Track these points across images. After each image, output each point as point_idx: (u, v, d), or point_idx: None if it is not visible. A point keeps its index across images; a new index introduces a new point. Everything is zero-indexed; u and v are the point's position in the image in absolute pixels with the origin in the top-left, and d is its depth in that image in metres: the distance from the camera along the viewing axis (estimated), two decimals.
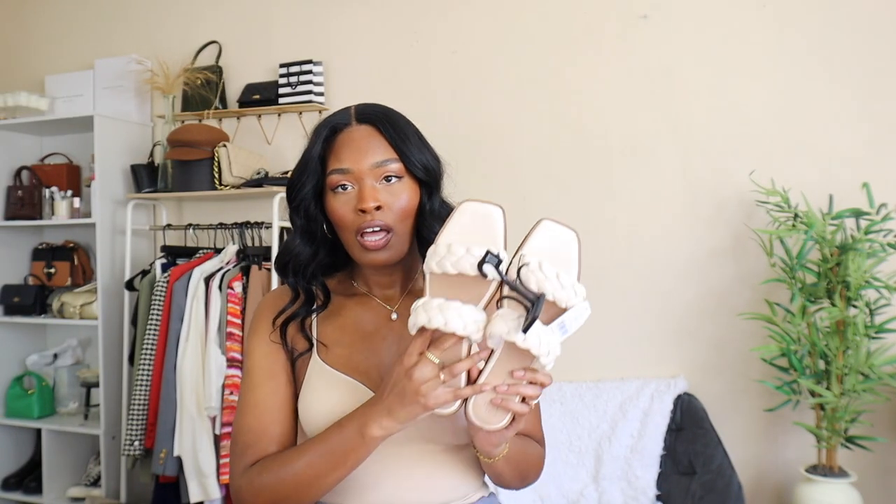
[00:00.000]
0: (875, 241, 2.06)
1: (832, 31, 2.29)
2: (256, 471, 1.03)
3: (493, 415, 0.94)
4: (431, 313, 0.90)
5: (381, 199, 1.03)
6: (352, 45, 2.86)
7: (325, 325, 1.11)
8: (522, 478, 1.14)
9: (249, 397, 1.08)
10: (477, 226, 0.94)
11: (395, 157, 1.06)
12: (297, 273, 1.10)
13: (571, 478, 2.32)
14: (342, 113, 1.10)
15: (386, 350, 1.09)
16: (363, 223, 1.03)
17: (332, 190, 1.06)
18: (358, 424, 0.97)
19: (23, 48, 3.45)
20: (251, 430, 1.06)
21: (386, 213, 1.04)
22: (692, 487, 2.19)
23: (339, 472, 0.99)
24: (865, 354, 2.05)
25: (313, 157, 1.07)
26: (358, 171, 1.04)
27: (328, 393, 1.05)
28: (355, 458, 0.98)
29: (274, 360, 1.09)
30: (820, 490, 2.07)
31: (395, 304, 1.13)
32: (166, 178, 2.90)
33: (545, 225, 0.96)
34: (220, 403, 2.47)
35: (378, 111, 1.10)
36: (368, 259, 1.06)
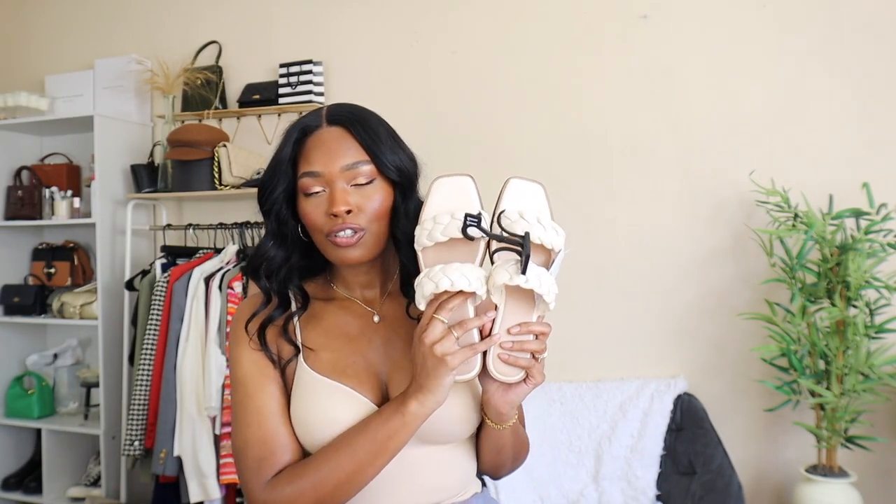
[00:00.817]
0: (875, 241, 2.06)
1: (832, 31, 2.29)
2: (285, 480, 1.01)
3: (510, 370, 1.00)
4: (436, 278, 0.95)
5: (351, 203, 1.03)
6: (352, 45, 2.86)
7: (309, 330, 1.10)
8: (517, 455, 1.16)
9: (248, 407, 1.06)
10: (454, 195, 1.01)
11: (367, 159, 1.05)
12: (269, 276, 1.08)
13: (571, 478, 2.32)
14: (313, 115, 1.09)
15: (372, 352, 1.09)
16: (335, 226, 1.03)
17: (303, 193, 1.05)
18: (396, 405, 0.98)
19: (23, 48, 3.45)
20: (258, 441, 1.04)
21: (358, 215, 1.03)
22: (692, 487, 2.19)
23: (382, 460, 0.99)
24: (865, 354, 2.05)
25: (283, 159, 1.06)
26: (329, 174, 1.03)
27: (318, 399, 1.04)
28: (397, 442, 0.98)
29: (263, 366, 1.07)
30: (820, 490, 2.07)
31: (376, 306, 1.13)
32: (166, 178, 2.90)
33: (513, 182, 1.04)
34: (220, 403, 2.47)
35: (349, 112, 1.08)
36: (340, 257, 1.05)
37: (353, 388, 1.05)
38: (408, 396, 0.98)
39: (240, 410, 1.07)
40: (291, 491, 1.00)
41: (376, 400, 1.06)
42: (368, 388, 1.06)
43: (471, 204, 1.00)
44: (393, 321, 1.12)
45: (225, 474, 2.45)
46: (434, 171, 1.13)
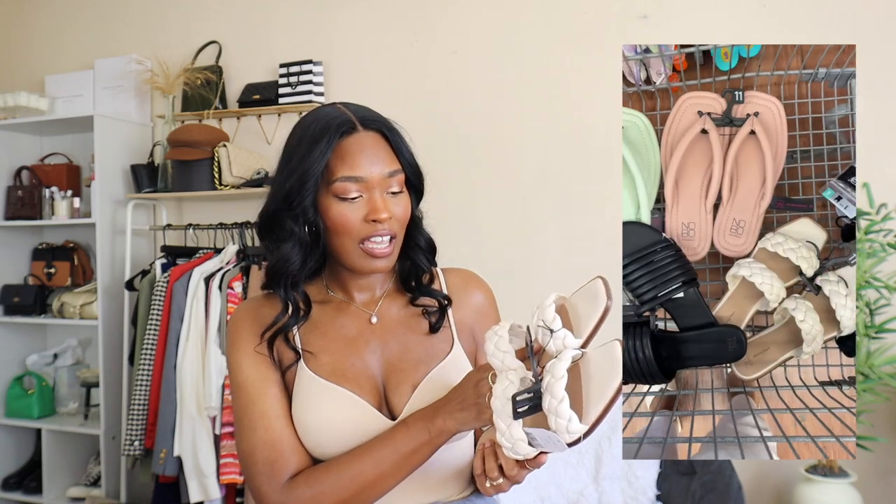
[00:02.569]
0: (875, 241, 2.06)
1: (832, 31, 2.29)
2: (304, 483, 1.01)
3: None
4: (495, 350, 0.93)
5: (390, 210, 1.03)
6: (352, 45, 2.86)
7: (308, 334, 1.09)
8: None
9: (252, 411, 1.04)
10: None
11: (400, 168, 1.05)
12: (286, 284, 1.06)
13: (571, 478, 2.33)
14: (339, 115, 1.05)
15: (370, 355, 1.09)
16: (373, 232, 1.02)
17: (337, 197, 1.03)
18: (425, 420, 0.98)
19: (23, 48, 3.45)
20: (267, 444, 1.03)
21: (392, 222, 1.04)
22: (692, 487, 2.19)
23: (404, 472, 0.99)
24: (865, 354, 2.05)
25: (317, 162, 1.02)
26: (370, 180, 1.02)
27: (318, 402, 1.04)
28: (421, 456, 0.98)
29: (265, 369, 1.06)
30: (820, 490, 2.07)
31: (372, 307, 1.12)
32: (166, 178, 2.90)
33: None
34: (220, 403, 2.47)
35: (378, 117, 1.07)
36: (371, 266, 1.05)
37: (352, 391, 1.05)
38: (438, 414, 0.97)
39: (244, 415, 1.05)
40: (311, 495, 1.00)
41: (375, 402, 1.06)
42: (367, 390, 1.06)
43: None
44: (389, 322, 1.12)
45: (225, 474, 2.44)
46: (433, 171, 1.14)
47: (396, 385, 1.06)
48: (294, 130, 1.08)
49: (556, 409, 0.84)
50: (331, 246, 1.07)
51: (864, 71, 2.25)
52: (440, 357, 1.09)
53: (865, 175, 2.16)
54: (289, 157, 1.06)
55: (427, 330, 1.12)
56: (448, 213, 1.26)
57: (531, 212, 2.62)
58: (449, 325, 1.13)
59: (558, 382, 0.84)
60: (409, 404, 1.05)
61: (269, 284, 1.08)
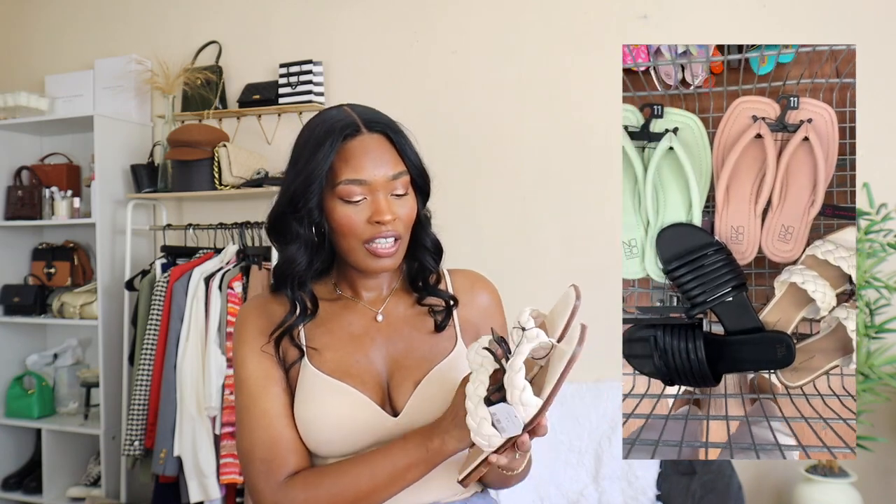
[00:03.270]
0: (875, 241, 2.06)
1: (832, 31, 2.29)
2: (300, 485, 1.01)
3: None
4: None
5: (394, 212, 1.04)
6: (352, 45, 2.86)
7: (314, 331, 1.10)
8: (522, 476, 1.14)
9: (253, 409, 1.06)
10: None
11: (405, 170, 1.06)
12: (293, 284, 1.08)
13: (571, 478, 2.33)
14: (344, 118, 1.06)
15: (375, 352, 1.10)
16: (377, 234, 1.03)
17: (342, 199, 1.04)
18: (422, 438, 0.98)
19: (23, 48, 3.45)
20: (266, 443, 1.04)
21: (397, 223, 1.05)
22: (692, 487, 2.19)
23: (399, 486, 1.00)
24: (865, 354, 2.05)
25: (322, 165, 1.03)
26: (374, 183, 1.03)
27: (321, 398, 1.05)
28: (417, 473, 0.99)
29: (268, 366, 1.07)
30: (820, 490, 2.07)
31: (379, 305, 1.13)
32: (166, 178, 2.90)
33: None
34: (220, 403, 2.47)
35: (383, 118, 1.08)
36: (376, 266, 1.06)
37: (356, 388, 1.05)
38: (434, 432, 0.98)
39: (245, 413, 1.07)
40: (305, 497, 1.00)
41: (378, 399, 1.06)
42: (371, 387, 1.07)
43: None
44: (395, 320, 1.13)
45: (225, 474, 2.44)
46: (433, 171, 1.14)
47: (399, 382, 1.07)
48: (301, 133, 1.10)
49: (511, 379, 0.88)
50: (337, 246, 1.08)
51: (864, 71, 2.26)
52: (443, 355, 1.10)
53: (865, 175, 2.16)
54: (295, 160, 1.07)
55: (432, 328, 1.12)
56: (448, 213, 1.25)
57: (531, 212, 2.62)
58: (453, 324, 1.14)
59: (517, 358, 0.89)
60: (411, 401, 1.06)
61: (277, 285, 1.09)
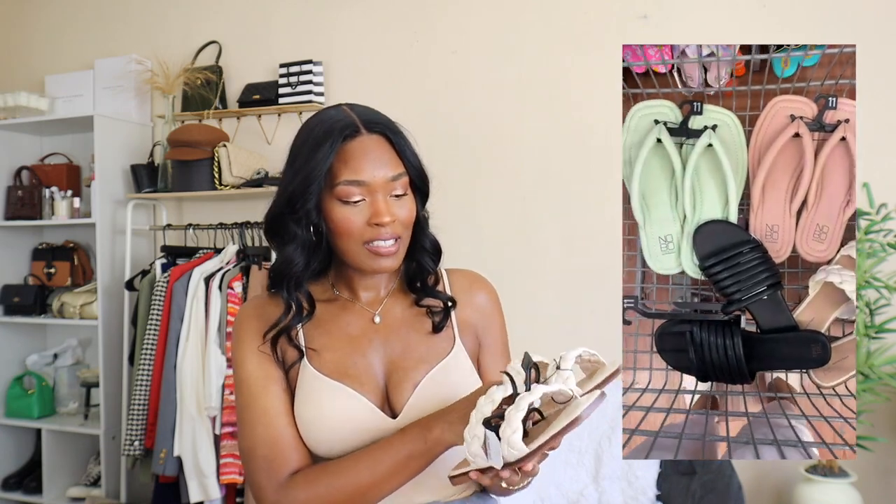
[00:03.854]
0: (875, 241, 2.06)
1: (832, 31, 2.29)
2: (301, 483, 1.02)
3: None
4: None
5: (393, 213, 1.04)
6: (352, 45, 2.86)
7: (312, 332, 1.10)
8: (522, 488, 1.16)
9: (255, 408, 1.06)
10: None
11: (404, 171, 1.06)
12: (289, 285, 1.07)
13: (571, 478, 2.32)
14: (343, 118, 1.05)
15: (373, 353, 1.09)
16: (376, 236, 1.03)
17: (341, 200, 1.03)
18: (421, 428, 0.98)
19: (23, 48, 3.45)
20: (267, 442, 1.04)
21: (396, 225, 1.04)
22: (692, 487, 2.19)
23: (400, 478, 0.99)
24: (865, 354, 2.05)
25: (320, 166, 1.02)
26: (373, 184, 1.03)
27: (320, 399, 1.05)
28: (418, 464, 0.99)
29: (268, 366, 1.07)
30: (820, 490, 2.07)
31: (376, 306, 1.13)
32: (166, 178, 2.90)
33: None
34: (220, 403, 2.48)
35: (383, 119, 1.07)
36: (377, 266, 1.05)
37: (354, 388, 1.05)
38: (435, 423, 0.98)
39: (246, 412, 1.07)
40: (307, 495, 1.00)
41: (376, 400, 1.06)
42: (368, 387, 1.06)
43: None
44: (393, 321, 1.12)
45: (225, 474, 2.45)
46: (433, 171, 1.14)
47: (398, 383, 1.07)
48: (299, 132, 1.09)
49: (510, 416, 0.88)
50: (335, 247, 1.08)
51: (864, 71, 2.25)
52: (441, 356, 1.10)
53: (865, 175, 2.16)
54: (293, 160, 1.07)
55: (430, 329, 1.12)
56: (448, 213, 1.25)
57: (531, 212, 2.62)
58: (451, 324, 1.14)
59: (525, 398, 0.89)
60: (410, 403, 1.05)
61: (273, 286, 1.09)
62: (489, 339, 1.17)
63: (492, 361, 1.17)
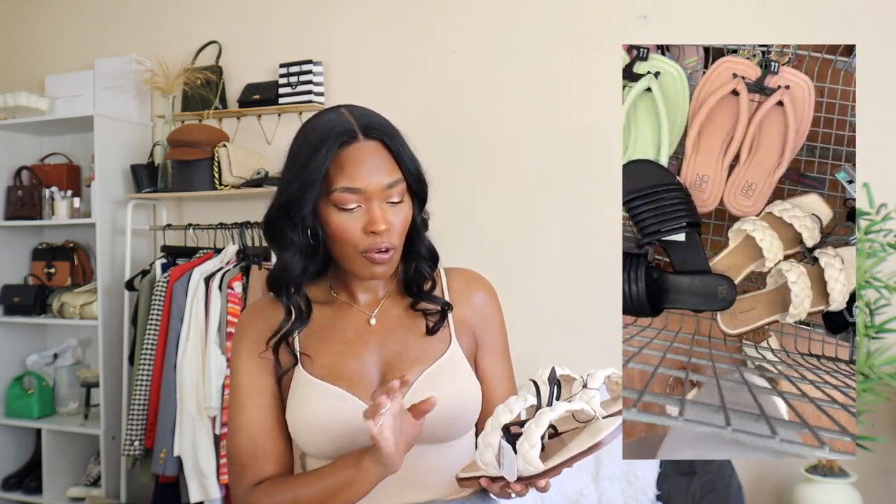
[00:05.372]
0: (875, 241, 2.06)
1: (832, 31, 2.29)
2: (262, 493, 1.05)
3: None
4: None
5: (389, 221, 1.03)
6: (352, 45, 2.86)
7: (308, 338, 1.10)
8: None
9: (240, 417, 1.09)
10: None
11: (401, 177, 1.05)
12: (287, 290, 1.08)
13: (571, 478, 2.32)
14: (341, 123, 1.04)
15: (368, 355, 1.09)
16: (373, 244, 1.03)
17: (337, 207, 1.02)
18: (355, 457, 0.99)
19: (23, 48, 3.45)
20: (244, 450, 1.07)
21: (392, 233, 1.04)
22: (692, 487, 2.19)
23: (340, 501, 1.00)
24: (865, 354, 2.05)
25: (317, 171, 1.01)
26: (369, 191, 1.02)
27: (314, 403, 1.05)
28: (352, 492, 0.99)
29: (259, 376, 1.09)
30: (820, 490, 2.07)
31: (374, 308, 1.13)
32: (166, 178, 2.90)
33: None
34: (220, 403, 2.48)
35: (380, 124, 1.06)
36: (371, 272, 1.06)
37: (348, 391, 1.06)
38: (366, 453, 0.98)
39: (233, 419, 1.10)
40: (267, 503, 1.04)
41: (369, 400, 1.06)
42: (361, 388, 1.07)
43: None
44: (389, 323, 1.12)
45: (225, 474, 2.45)
46: (433, 172, 1.13)
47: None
48: (297, 136, 1.08)
49: (529, 431, 0.88)
50: (332, 251, 1.08)
51: (864, 71, 2.26)
52: (436, 356, 1.10)
53: (865, 175, 2.16)
54: (290, 164, 1.06)
55: (426, 330, 1.12)
56: (448, 213, 1.25)
57: (531, 212, 2.62)
58: (448, 325, 1.13)
59: (546, 415, 0.89)
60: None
61: (272, 290, 1.10)
62: (487, 339, 1.17)
63: (490, 362, 1.17)
